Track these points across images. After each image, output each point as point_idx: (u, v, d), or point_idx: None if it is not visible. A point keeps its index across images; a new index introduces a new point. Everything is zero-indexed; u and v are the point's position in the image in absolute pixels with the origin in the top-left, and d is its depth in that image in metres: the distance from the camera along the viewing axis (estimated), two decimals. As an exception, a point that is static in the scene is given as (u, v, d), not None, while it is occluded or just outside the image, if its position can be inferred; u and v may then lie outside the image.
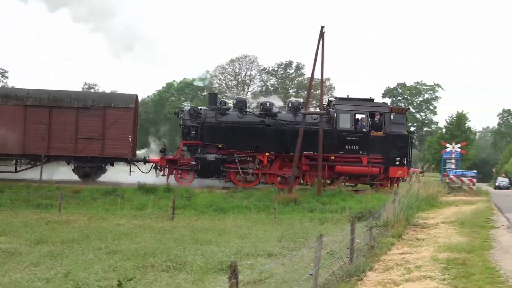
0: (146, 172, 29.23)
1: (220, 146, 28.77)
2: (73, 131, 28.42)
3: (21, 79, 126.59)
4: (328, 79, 79.54)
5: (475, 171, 29.65)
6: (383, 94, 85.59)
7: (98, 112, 28.71)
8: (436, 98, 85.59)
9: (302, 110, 28.65)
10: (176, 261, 12.08)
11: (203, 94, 76.38)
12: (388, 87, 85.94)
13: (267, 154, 28.95)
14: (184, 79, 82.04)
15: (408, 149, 29.54)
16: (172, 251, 13.04)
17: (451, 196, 26.53)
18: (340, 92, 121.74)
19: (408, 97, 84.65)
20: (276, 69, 79.94)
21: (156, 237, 15.30)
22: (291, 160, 28.09)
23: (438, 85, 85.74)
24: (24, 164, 29.72)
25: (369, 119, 29.57)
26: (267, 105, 29.68)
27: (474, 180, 28.76)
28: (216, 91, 76.80)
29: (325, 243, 11.49)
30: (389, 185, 28.89)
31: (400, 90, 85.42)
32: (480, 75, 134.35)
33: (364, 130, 29.40)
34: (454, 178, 28.74)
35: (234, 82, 78.35)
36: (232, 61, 77.75)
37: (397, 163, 28.89)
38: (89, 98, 29.52)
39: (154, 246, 13.75)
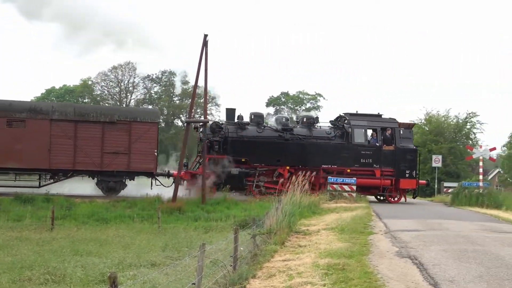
0: (168, 186, 29.04)
1: (243, 160, 29.86)
2: (99, 146, 28.53)
3: None
4: (213, 87, 79.77)
5: (355, 179, 30.50)
6: (266, 103, 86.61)
7: (124, 126, 29.01)
8: (318, 107, 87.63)
9: (186, 119, 28.70)
10: (55, 273, 11.69)
11: (84, 101, 74.56)
12: (272, 96, 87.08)
13: (287, 167, 30.31)
14: (64, 85, 79.80)
15: (416, 162, 31.61)
16: (51, 263, 12.60)
17: (332, 203, 27.11)
18: (225, 101, 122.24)
19: (292, 106, 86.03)
20: (160, 76, 79.32)
21: (34, 249, 14.74)
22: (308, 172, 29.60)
23: (320, 95, 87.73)
24: (47, 178, 29.46)
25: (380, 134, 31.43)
26: (284, 120, 31.47)
27: (354, 187, 29.60)
28: (98, 98, 75.36)
29: (209, 251, 11.45)
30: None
31: (283, 99, 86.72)
32: (357, 84, 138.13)
33: (377, 144, 31.31)
34: (335, 185, 29.46)
35: (116, 89, 76.99)
36: (114, 67, 76.41)
37: (407, 175, 30.84)
38: (115, 113, 30.02)
39: (32, 258, 13.24)
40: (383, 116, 32.67)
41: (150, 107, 74.64)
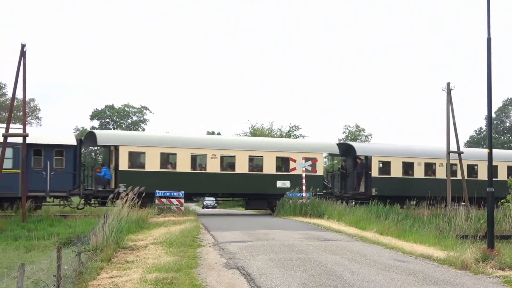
0: None
1: None
2: None
3: None
4: (33, 99, 76.57)
5: (183, 192, 30.54)
6: (91, 116, 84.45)
7: None
8: (144, 121, 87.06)
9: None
10: None
11: None
12: (96, 109, 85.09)
13: None
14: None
15: None
16: None
17: (160, 217, 26.95)
18: (47, 115, 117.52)
19: (117, 119, 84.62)
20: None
21: None
22: None
23: (146, 108, 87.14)
24: None
25: None
26: None
27: (182, 200, 29.62)
28: None
29: (31, 271, 10.91)
30: None
31: (108, 113, 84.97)
32: (186, 97, 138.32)
33: None
34: (163, 199, 29.33)
35: None
36: None
37: None
38: None
39: None
40: None
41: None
